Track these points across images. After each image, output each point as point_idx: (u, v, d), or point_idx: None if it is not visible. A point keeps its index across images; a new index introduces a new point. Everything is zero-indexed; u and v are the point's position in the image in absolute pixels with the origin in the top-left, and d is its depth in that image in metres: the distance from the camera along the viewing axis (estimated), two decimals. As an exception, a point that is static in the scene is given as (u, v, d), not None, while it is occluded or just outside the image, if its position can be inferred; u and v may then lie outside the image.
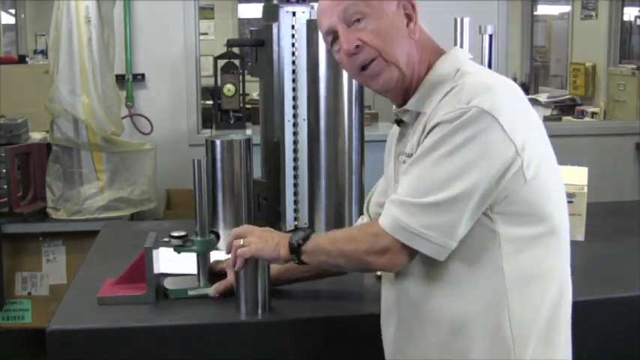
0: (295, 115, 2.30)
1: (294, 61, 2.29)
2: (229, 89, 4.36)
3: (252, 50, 2.42)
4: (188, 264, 1.82)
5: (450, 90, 1.35)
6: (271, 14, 2.32)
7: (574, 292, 1.45)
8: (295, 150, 2.31)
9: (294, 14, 2.29)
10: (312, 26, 2.18)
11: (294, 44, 2.29)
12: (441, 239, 1.31)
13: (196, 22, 4.53)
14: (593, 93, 6.97)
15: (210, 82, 4.56)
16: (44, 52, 5.48)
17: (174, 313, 1.67)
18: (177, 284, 1.78)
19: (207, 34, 7.67)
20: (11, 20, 7.44)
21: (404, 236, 1.32)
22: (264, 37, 2.33)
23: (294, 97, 2.29)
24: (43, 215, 3.59)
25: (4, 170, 3.44)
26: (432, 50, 1.46)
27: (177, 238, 1.77)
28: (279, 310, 1.68)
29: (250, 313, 1.66)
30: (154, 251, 1.71)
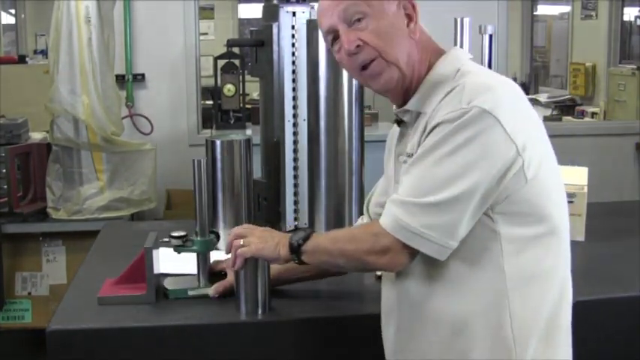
0: (295, 115, 2.29)
1: (294, 61, 2.29)
2: (229, 89, 4.36)
3: (252, 50, 2.41)
4: (188, 264, 1.82)
5: (451, 90, 1.35)
6: (271, 14, 2.31)
7: (574, 292, 1.45)
8: (295, 150, 2.30)
9: (294, 14, 2.29)
10: (312, 26, 2.18)
11: (294, 44, 2.28)
12: (442, 239, 1.31)
13: (196, 22, 4.53)
14: (593, 93, 6.98)
15: (210, 82, 4.56)
16: (44, 52, 5.48)
17: (174, 313, 1.67)
18: (177, 284, 1.78)
19: (207, 34, 7.67)
20: (11, 20, 7.44)
21: (405, 236, 1.32)
22: (264, 37, 2.33)
23: (294, 97, 2.29)
24: (43, 215, 3.59)
25: (4, 170, 3.44)
26: (433, 50, 1.46)
27: (177, 238, 1.77)
28: (279, 310, 1.68)
29: (250, 313, 1.66)
30: (154, 251, 1.71)
